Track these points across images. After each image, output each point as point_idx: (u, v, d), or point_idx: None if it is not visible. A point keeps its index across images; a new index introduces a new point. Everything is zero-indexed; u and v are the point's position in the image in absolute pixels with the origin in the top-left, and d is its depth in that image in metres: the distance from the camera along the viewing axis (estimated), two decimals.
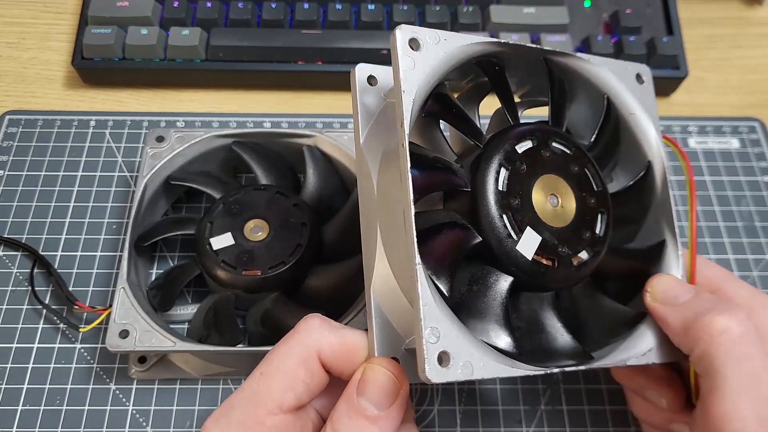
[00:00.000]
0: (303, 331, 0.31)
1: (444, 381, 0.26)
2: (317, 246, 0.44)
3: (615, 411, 0.43)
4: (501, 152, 0.32)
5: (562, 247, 0.31)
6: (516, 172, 0.31)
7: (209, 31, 0.56)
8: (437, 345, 0.26)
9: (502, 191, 0.31)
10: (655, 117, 0.37)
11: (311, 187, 0.47)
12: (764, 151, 0.55)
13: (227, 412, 0.31)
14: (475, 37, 0.32)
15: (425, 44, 0.31)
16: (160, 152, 0.46)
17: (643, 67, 0.38)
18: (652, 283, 0.34)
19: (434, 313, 0.27)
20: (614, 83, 0.36)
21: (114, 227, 0.49)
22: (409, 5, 0.57)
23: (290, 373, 0.30)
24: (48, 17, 0.61)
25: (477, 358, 0.27)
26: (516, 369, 0.28)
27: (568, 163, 0.33)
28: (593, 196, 0.33)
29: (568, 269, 0.31)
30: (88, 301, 0.46)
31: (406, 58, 0.30)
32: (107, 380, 0.43)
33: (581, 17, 0.59)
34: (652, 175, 0.36)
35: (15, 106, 0.55)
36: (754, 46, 0.63)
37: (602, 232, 0.33)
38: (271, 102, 0.57)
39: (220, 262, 0.42)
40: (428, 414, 0.43)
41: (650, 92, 0.37)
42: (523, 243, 0.30)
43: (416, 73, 0.30)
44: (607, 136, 0.36)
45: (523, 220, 0.31)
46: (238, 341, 0.41)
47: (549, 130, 0.34)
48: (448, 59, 0.31)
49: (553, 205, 0.32)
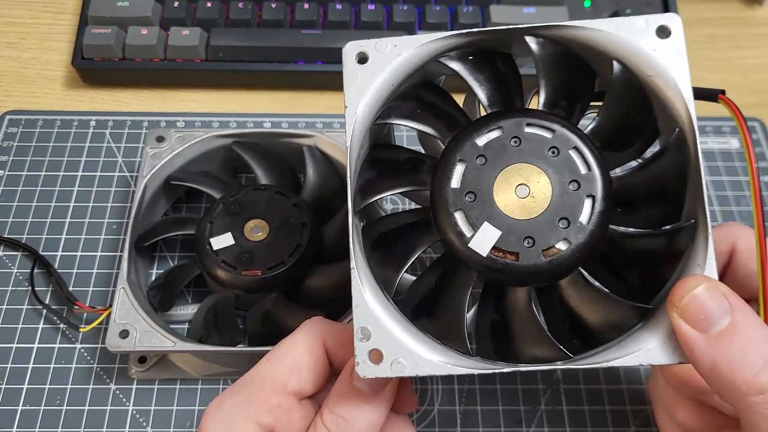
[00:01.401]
0: (309, 323, 0.34)
1: (374, 377, 0.29)
2: (317, 246, 0.44)
3: (615, 411, 0.43)
4: (458, 148, 0.32)
5: (528, 240, 0.30)
6: (473, 167, 0.31)
7: (209, 31, 0.56)
8: (367, 344, 0.29)
9: (456, 189, 0.31)
10: (684, 75, 0.30)
11: (311, 187, 0.47)
12: (764, 151, 0.55)
13: (232, 393, 0.32)
14: (431, 35, 0.32)
15: (373, 55, 0.32)
16: (160, 152, 0.46)
17: (669, 17, 0.31)
18: (682, 294, 0.27)
19: (365, 314, 0.30)
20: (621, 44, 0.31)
21: (114, 227, 0.49)
22: (409, 5, 0.57)
23: (296, 357, 0.32)
24: (48, 17, 0.61)
25: (409, 356, 0.29)
26: (457, 368, 0.29)
27: (545, 149, 0.31)
28: (578, 180, 0.30)
29: (537, 263, 0.30)
30: (88, 301, 0.46)
31: (350, 75, 0.32)
32: (107, 380, 0.43)
33: (581, 17, 0.59)
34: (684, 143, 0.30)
35: (15, 106, 0.55)
36: (754, 46, 0.63)
37: (588, 219, 0.30)
38: (271, 102, 0.57)
39: (220, 262, 0.42)
40: (428, 414, 0.43)
41: (679, 46, 0.31)
42: (477, 239, 0.30)
43: (361, 86, 0.32)
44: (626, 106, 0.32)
45: (479, 216, 0.30)
46: (238, 341, 0.41)
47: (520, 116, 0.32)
48: (404, 63, 0.32)
49: (521, 196, 0.31)
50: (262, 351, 0.39)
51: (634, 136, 0.32)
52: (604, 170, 0.31)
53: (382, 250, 0.33)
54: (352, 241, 0.31)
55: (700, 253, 0.29)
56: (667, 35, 0.31)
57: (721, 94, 0.30)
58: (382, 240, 0.33)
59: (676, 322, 0.27)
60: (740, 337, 0.26)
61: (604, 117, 0.32)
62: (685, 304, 0.27)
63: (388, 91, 0.33)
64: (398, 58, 0.32)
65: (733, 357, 0.26)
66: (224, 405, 0.31)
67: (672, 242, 0.31)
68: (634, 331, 0.30)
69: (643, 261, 0.31)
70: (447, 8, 0.58)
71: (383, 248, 0.33)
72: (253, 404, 0.31)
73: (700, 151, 0.29)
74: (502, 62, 0.34)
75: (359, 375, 0.29)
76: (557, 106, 0.33)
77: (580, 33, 0.32)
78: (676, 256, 0.30)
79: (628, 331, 0.30)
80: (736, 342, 0.26)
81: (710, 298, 0.27)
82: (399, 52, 0.32)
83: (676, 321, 0.27)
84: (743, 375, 0.26)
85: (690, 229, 0.30)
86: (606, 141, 0.32)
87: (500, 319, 0.32)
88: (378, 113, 0.33)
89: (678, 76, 0.30)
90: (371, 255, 0.32)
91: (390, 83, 0.32)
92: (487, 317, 0.33)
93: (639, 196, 0.32)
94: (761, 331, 0.27)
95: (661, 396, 0.39)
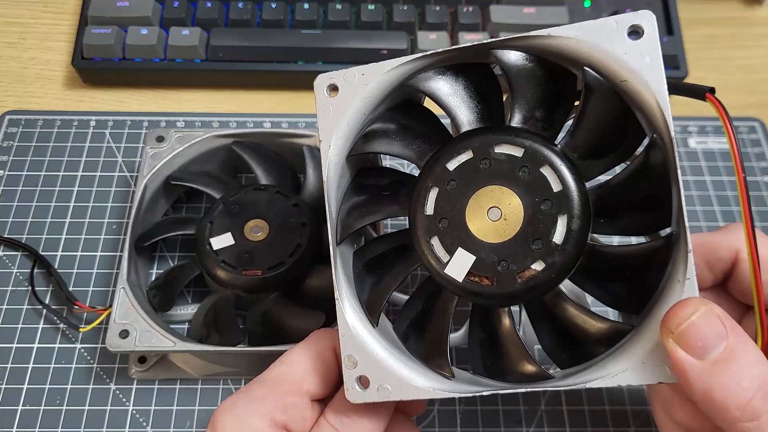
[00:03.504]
0: (319, 332, 0.35)
1: (363, 401, 0.30)
2: (317, 246, 0.44)
3: (615, 411, 0.43)
4: (430, 174, 0.31)
5: (503, 264, 0.30)
6: (445, 192, 0.31)
7: (209, 31, 0.56)
8: (355, 371, 0.30)
9: (430, 215, 0.31)
10: (659, 77, 0.29)
11: (311, 187, 0.47)
12: (764, 151, 0.55)
13: (246, 392, 0.32)
14: (397, 60, 0.32)
15: (342, 86, 0.32)
16: (160, 152, 0.46)
17: (642, 15, 0.29)
18: (676, 322, 0.27)
19: (351, 342, 0.31)
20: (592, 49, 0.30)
21: (114, 227, 0.49)
22: (409, 5, 0.57)
23: (310, 361, 0.33)
24: (48, 17, 0.61)
25: (394, 382, 0.30)
26: (439, 392, 0.30)
27: (515, 168, 0.30)
28: (550, 199, 0.29)
29: (512, 287, 0.30)
30: (88, 301, 0.46)
31: (322, 108, 0.32)
32: (107, 380, 0.43)
33: (581, 17, 0.59)
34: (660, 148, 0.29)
35: (15, 106, 0.55)
36: (754, 46, 0.63)
37: (563, 238, 0.29)
38: (271, 102, 0.57)
39: (220, 262, 0.42)
40: (428, 414, 0.43)
41: (652, 46, 0.29)
42: (452, 265, 0.30)
43: (334, 119, 0.32)
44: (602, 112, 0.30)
45: (453, 242, 0.30)
46: (238, 341, 0.41)
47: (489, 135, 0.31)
48: (373, 91, 0.32)
49: (493, 219, 0.30)
50: (261, 351, 0.39)
51: (615, 142, 0.31)
52: (580, 185, 0.30)
53: (369, 275, 0.34)
54: (335, 271, 0.32)
55: (680, 267, 0.28)
56: (639, 36, 0.29)
57: (708, 93, 0.28)
58: (370, 265, 0.34)
59: (671, 347, 0.27)
60: (734, 363, 0.26)
61: (579, 125, 0.30)
62: (682, 331, 0.27)
63: (360, 122, 0.33)
64: (366, 86, 0.32)
65: (728, 383, 0.26)
66: (238, 403, 0.32)
67: (654, 254, 0.29)
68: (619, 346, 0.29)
69: (625, 274, 0.30)
70: (447, 8, 0.58)
71: (370, 273, 0.34)
72: (268, 402, 0.31)
73: (677, 156, 0.28)
74: (477, 75, 0.33)
75: (350, 401, 0.30)
76: (532, 118, 0.31)
77: (547, 42, 0.30)
78: (660, 267, 0.29)
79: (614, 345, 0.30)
80: (731, 368, 0.26)
81: (708, 325, 0.26)
82: (367, 81, 0.32)
83: (671, 347, 0.27)
84: (737, 401, 0.26)
85: (668, 240, 0.29)
86: (584, 149, 0.31)
87: (487, 337, 0.32)
88: (353, 142, 0.33)
89: (652, 80, 0.29)
90: (359, 280, 0.33)
91: (361, 113, 0.32)
92: (476, 336, 0.33)
93: (622, 204, 0.30)
94: (754, 356, 0.26)
95: (659, 395, 0.39)
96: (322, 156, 0.32)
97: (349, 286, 0.33)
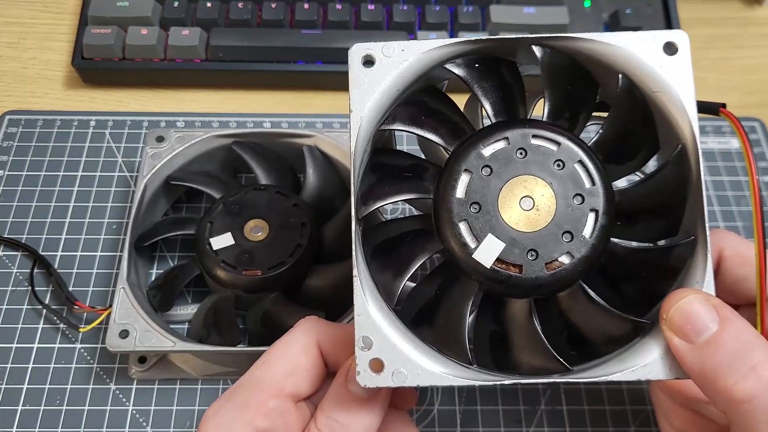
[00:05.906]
0: (304, 323, 0.33)
1: (375, 386, 0.29)
2: (317, 246, 0.44)
3: (615, 411, 0.43)
4: (464, 158, 0.31)
5: (532, 253, 0.30)
6: (478, 177, 0.31)
7: (209, 31, 0.56)
8: (369, 353, 0.29)
9: (461, 199, 0.31)
10: (689, 93, 0.31)
11: (311, 187, 0.47)
12: (764, 151, 0.55)
13: (228, 398, 0.32)
14: (438, 41, 0.32)
15: (380, 59, 0.32)
16: (160, 152, 0.46)
17: (677, 33, 0.31)
18: (669, 307, 0.28)
19: (368, 322, 0.29)
20: (628, 58, 0.31)
21: (114, 227, 0.49)
22: (409, 5, 0.57)
23: (292, 359, 0.32)
24: (48, 17, 0.61)
25: (411, 366, 0.29)
26: (459, 379, 0.29)
27: (550, 161, 0.31)
28: (582, 194, 0.31)
29: (540, 276, 0.30)
30: (88, 301, 0.46)
31: (356, 78, 0.32)
32: (107, 380, 0.43)
33: (581, 17, 0.59)
34: (686, 159, 0.31)
35: (15, 106, 0.55)
36: (754, 46, 0.63)
37: (591, 233, 0.30)
38: (271, 102, 0.57)
39: (220, 262, 0.42)
40: (428, 414, 0.43)
41: (685, 64, 0.31)
42: (481, 251, 0.30)
43: (368, 90, 0.32)
44: (630, 119, 0.32)
45: (483, 227, 0.30)
46: (238, 341, 0.41)
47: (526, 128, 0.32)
48: (410, 68, 0.32)
49: (525, 208, 0.31)
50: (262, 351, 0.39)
51: (635, 150, 0.32)
52: (608, 185, 0.31)
53: (384, 257, 0.33)
54: (355, 248, 0.31)
55: (699, 270, 0.30)
56: (674, 52, 0.31)
57: (722, 108, 0.31)
58: (384, 247, 0.33)
59: (667, 335, 0.28)
60: (726, 344, 0.27)
61: (608, 130, 0.32)
62: (671, 316, 0.28)
63: (393, 96, 0.32)
64: (405, 62, 0.32)
65: (719, 365, 0.26)
66: (221, 410, 0.31)
67: (670, 257, 0.31)
68: (632, 345, 0.30)
69: (641, 275, 0.32)
70: (447, 8, 0.58)
71: (384, 255, 0.33)
72: (249, 408, 0.31)
73: (702, 168, 0.30)
74: (506, 70, 0.34)
75: (360, 384, 0.29)
76: (561, 117, 0.33)
77: (588, 45, 0.32)
78: (675, 271, 0.31)
79: (626, 345, 0.30)
80: (722, 350, 0.26)
81: (696, 308, 0.27)
82: (406, 57, 0.32)
83: (667, 334, 0.28)
84: (725, 384, 0.26)
85: (689, 245, 0.30)
86: (608, 154, 0.32)
87: (499, 329, 0.32)
88: (383, 118, 0.33)
89: (683, 94, 0.31)
90: (372, 261, 0.32)
91: (396, 88, 0.32)
92: (486, 328, 0.33)
93: (639, 210, 0.32)
94: (747, 337, 0.27)
95: (659, 401, 0.39)
96: (352, 126, 0.31)
97: (365, 266, 0.32)
